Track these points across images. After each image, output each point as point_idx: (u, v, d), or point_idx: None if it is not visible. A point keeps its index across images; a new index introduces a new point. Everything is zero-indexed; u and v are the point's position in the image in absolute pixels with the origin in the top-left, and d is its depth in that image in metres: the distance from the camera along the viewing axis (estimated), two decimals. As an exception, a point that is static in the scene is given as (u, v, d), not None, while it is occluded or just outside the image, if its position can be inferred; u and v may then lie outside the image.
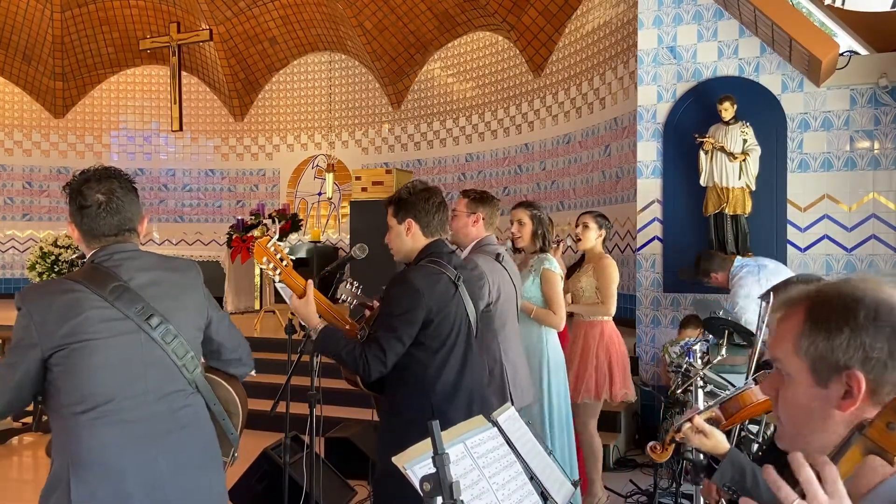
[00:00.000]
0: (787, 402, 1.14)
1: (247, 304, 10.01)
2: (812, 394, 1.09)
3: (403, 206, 2.67)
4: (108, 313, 1.91)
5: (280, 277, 2.60)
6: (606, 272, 4.47)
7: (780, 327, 1.15)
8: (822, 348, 1.08)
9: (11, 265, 13.00)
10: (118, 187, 2.02)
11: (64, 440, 1.91)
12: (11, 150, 13.23)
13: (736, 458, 1.91)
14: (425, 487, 1.27)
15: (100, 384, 1.89)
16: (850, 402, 1.06)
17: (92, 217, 1.99)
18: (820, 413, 1.09)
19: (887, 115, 5.91)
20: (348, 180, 12.16)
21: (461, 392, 2.57)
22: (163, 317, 1.97)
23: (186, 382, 2.02)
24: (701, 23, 6.33)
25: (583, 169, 9.43)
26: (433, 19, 11.39)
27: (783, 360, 1.13)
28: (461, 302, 2.64)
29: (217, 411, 2.12)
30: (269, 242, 2.61)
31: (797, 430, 1.13)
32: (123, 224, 2.02)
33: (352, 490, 4.61)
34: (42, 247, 10.29)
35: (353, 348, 2.48)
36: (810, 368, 1.09)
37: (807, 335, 1.09)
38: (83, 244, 2.04)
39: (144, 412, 1.94)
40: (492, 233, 3.57)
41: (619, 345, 4.54)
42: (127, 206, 2.02)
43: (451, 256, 2.70)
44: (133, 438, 1.91)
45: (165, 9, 12.60)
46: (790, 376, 1.12)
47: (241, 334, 2.28)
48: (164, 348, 1.96)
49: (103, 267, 1.97)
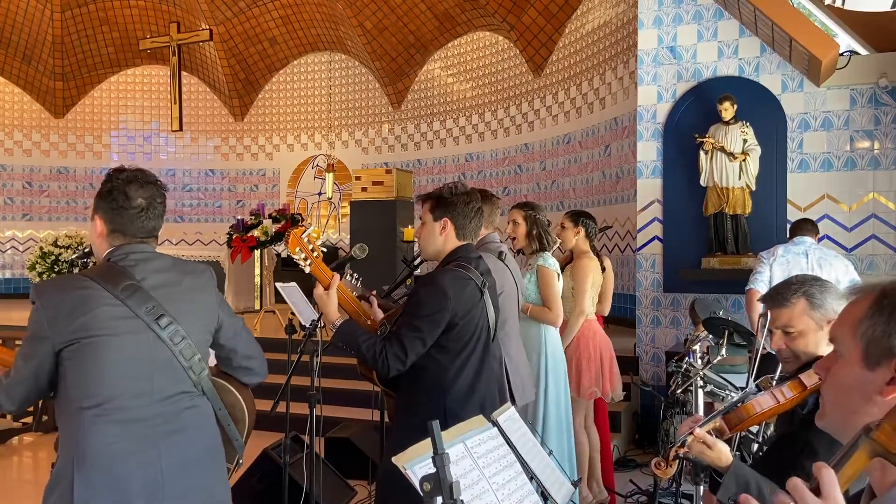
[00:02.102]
0: (835, 381, 1.18)
1: (247, 304, 10.00)
2: (859, 374, 1.13)
3: (443, 205, 2.65)
4: (119, 311, 1.93)
5: (311, 269, 2.60)
6: (579, 272, 4.44)
7: (846, 310, 1.20)
8: (878, 332, 1.12)
9: (11, 265, 13.00)
10: (157, 194, 2.07)
11: (70, 435, 1.93)
12: (11, 150, 13.23)
13: (740, 472, 1.89)
14: (425, 487, 1.27)
15: (106, 381, 1.91)
16: (894, 388, 1.09)
17: (130, 219, 2.03)
18: (862, 395, 1.13)
19: (887, 115, 5.91)
20: (348, 180, 12.16)
21: (475, 396, 2.57)
22: (173, 318, 1.98)
23: (192, 384, 2.03)
24: (701, 23, 6.34)
25: (583, 169, 9.43)
26: (433, 19, 11.39)
27: (840, 339, 1.18)
28: (485, 308, 2.64)
29: (222, 416, 2.12)
30: (304, 233, 2.61)
31: (838, 408, 1.17)
32: (154, 230, 2.08)
33: (352, 490, 4.61)
34: (42, 247, 10.29)
35: (374, 343, 2.47)
36: (863, 350, 1.13)
37: (868, 318, 1.14)
38: (104, 240, 2.06)
39: (148, 412, 1.94)
40: (492, 230, 3.57)
41: (592, 343, 4.47)
42: (161, 213, 2.09)
43: (479, 262, 2.69)
44: (135, 437, 1.92)
45: (165, 9, 12.60)
46: (843, 356, 1.17)
47: (256, 344, 2.28)
48: (172, 349, 1.97)
49: (118, 266, 2.00)
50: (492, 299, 2.69)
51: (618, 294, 8.56)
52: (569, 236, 4.55)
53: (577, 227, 4.54)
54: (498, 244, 3.51)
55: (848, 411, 1.14)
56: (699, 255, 6.21)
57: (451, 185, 2.70)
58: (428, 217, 2.68)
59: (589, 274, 4.43)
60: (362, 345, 2.48)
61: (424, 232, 2.70)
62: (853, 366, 1.14)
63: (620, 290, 8.51)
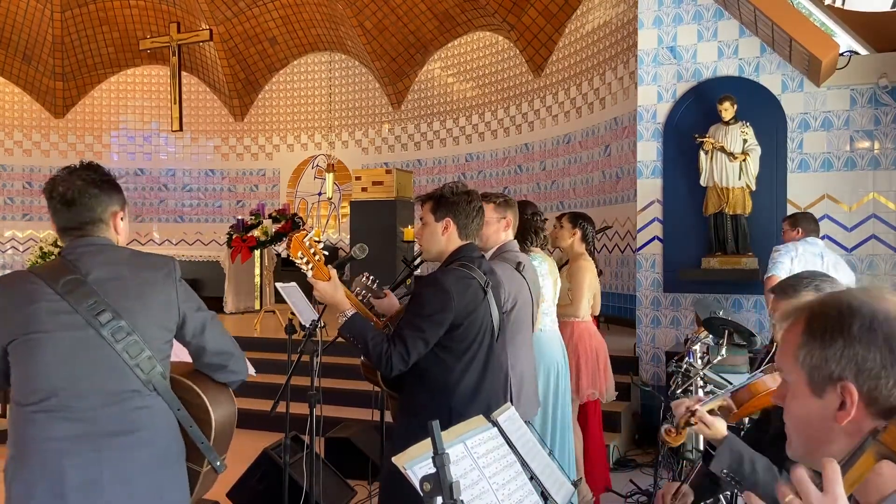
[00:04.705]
0: (791, 413, 1.14)
1: (247, 305, 10.01)
2: (810, 404, 1.09)
3: (444, 205, 2.64)
4: (58, 306, 1.87)
5: (312, 273, 2.58)
6: (577, 275, 4.44)
7: (784, 337, 1.16)
8: (816, 359, 1.07)
9: (11, 265, 13.00)
10: (79, 179, 1.98)
11: (12, 430, 1.91)
12: (11, 150, 13.23)
13: (734, 445, 1.91)
14: (425, 487, 1.27)
15: (44, 378, 1.86)
16: (844, 413, 1.05)
17: (55, 210, 1.98)
18: (819, 424, 1.09)
19: (887, 115, 5.91)
20: (348, 180, 12.16)
21: (480, 396, 2.56)
22: (115, 313, 1.89)
23: (141, 383, 1.92)
24: (701, 23, 6.34)
25: (583, 169, 9.43)
26: (433, 19, 11.39)
27: (785, 370, 1.14)
28: (488, 308, 2.63)
29: (182, 417, 2.01)
30: (306, 237, 2.59)
31: (801, 440, 1.13)
32: (83, 217, 1.97)
33: (352, 490, 4.61)
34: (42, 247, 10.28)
35: (381, 340, 2.46)
36: (807, 378, 1.09)
37: (804, 345, 1.09)
38: (60, 240, 2.04)
39: (91, 410, 1.88)
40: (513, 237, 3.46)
41: (589, 345, 4.48)
42: (88, 198, 1.97)
43: (481, 261, 2.68)
44: (75, 437, 1.86)
45: (165, 9, 12.60)
46: (791, 385, 1.13)
47: (230, 341, 2.15)
48: (114, 346, 1.88)
49: (66, 260, 1.95)
50: (495, 299, 2.69)
51: (618, 294, 8.59)
52: (564, 236, 4.55)
53: (574, 229, 4.54)
54: (516, 253, 3.38)
55: (810, 440, 1.11)
56: (699, 255, 6.21)
57: (452, 185, 2.69)
58: (429, 218, 2.66)
59: (586, 277, 4.44)
60: (370, 340, 2.46)
61: (426, 233, 2.68)
62: (802, 395, 1.10)
63: (620, 290, 8.51)
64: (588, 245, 4.59)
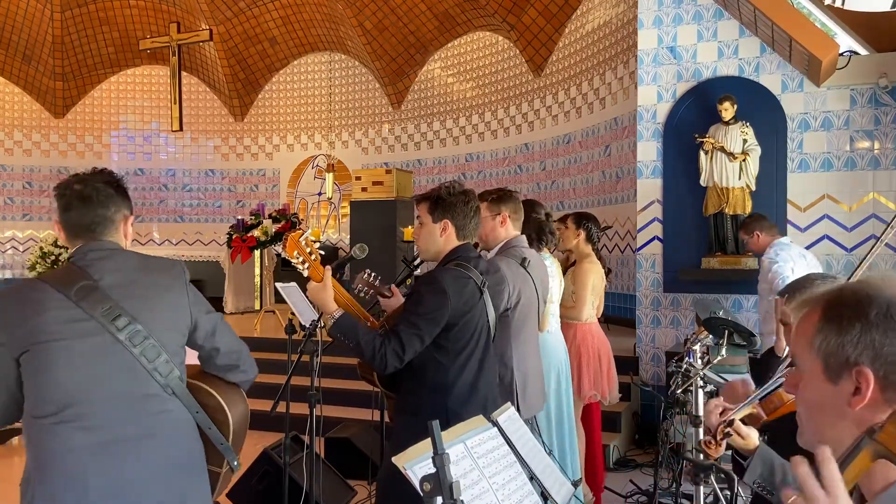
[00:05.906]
0: (804, 399, 1.16)
1: (247, 305, 10.01)
2: (824, 390, 1.11)
3: (441, 206, 2.63)
4: (72, 314, 1.85)
5: (308, 272, 2.58)
6: (580, 277, 4.42)
7: (799, 325, 1.17)
8: (833, 344, 1.09)
9: (11, 265, 13.00)
10: (94, 182, 1.98)
11: (30, 443, 1.88)
12: (11, 150, 13.23)
13: (766, 455, 1.91)
14: (425, 487, 1.27)
15: (60, 388, 1.83)
16: (859, 398, 1.06)
17: (67, 207, 1.96)
18: (832, 410, 1.10)
19: (887, 115, 5.91)
20: (348, 180, 12.15)
21: (477, 395, 2.56)
22: (132, 317, 1.88)
23: (160, 387, 1.91)
24: (701, 23, 6.33)
25: (583, 169, 9.43)
26: (433, 19, 11.39)
27: (800, 356, 1.16)
28: (485, 308, 2.63)
29: (201, 419, 2.00)
30: (302, 236, 2.59)
31: (813, 427, 1.14)
32: (97, 214, 1.97)
33: (352, 490, 4.61)
34: (42, 247, 10.29)
35: (374, 338, 2.45)
36: (823, 364, 1.11)
37: (820, 331, 1.11)
38: (68, 243, 2.01)
39: (110, 417, 1.85)
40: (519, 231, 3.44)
41: (592, 347, 4.47)
42: (105, 196, 1.98)
43: (478, 261, 2.69)
44: (96, 444, 1.84)
45: (165, 9, 12.60)
46: (805, 372, 1.14)
47: (238, 340, 2.16)
48: (131, 350, 1.87)
49: (76, 266, 1.92)
50: (491, 299, 2.69)
51: (618, 294, 8.58)
52: (568, 237, 4.54)
53: (579, 229, 4.53)
54: (522, 249, 3.35)
55: (823, 427, 1.12)
56: (699, 255, 6.21)
57: (449, 185, 2.69)
58: (427, 218, 2.66)
59: (589, 280, 4.43)
60: (361, 339, 2.46)
61: (424, 233, 2.68)
62: (817, 382, 1.12)
63: (620, 290, 8.51)
64: (593, 245, 4.59)
